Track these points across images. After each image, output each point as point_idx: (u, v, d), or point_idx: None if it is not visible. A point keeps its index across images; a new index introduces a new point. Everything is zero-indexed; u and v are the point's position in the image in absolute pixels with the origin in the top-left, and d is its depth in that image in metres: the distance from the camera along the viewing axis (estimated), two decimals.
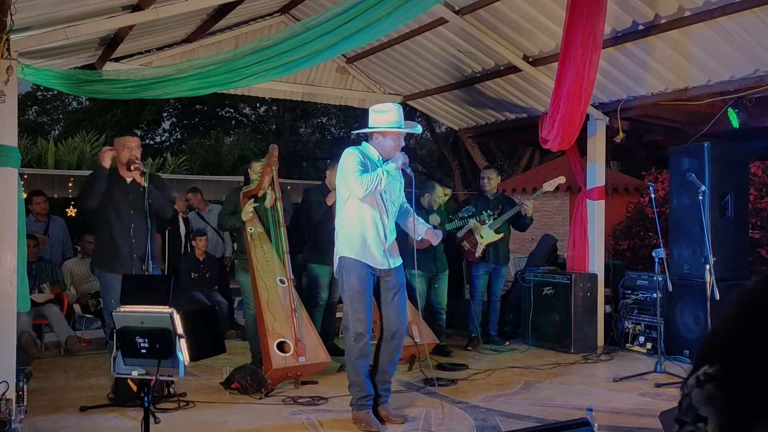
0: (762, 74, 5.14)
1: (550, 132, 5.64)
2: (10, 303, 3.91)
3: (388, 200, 4.04)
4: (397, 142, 4.01)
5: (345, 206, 4.00)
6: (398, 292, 4.05)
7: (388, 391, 4.16)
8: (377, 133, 4.02)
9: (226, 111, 21.71)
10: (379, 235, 3.96)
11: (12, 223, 3.92)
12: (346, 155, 3.99)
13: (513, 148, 15.03)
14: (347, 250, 3.95)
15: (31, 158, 13.02)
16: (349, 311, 3.94)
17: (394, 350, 4.08)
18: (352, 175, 3.87)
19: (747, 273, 6.02)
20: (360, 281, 3.92)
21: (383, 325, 4.08)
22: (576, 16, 4.85)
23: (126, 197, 4.59)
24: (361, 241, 3.93)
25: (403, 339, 4.13)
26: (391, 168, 3.94)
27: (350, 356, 3.97)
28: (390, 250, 4.04)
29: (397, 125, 3.98)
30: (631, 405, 4.51)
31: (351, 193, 3.92)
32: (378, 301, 4.09)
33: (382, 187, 3.89)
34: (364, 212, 3.94)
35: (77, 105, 21.24)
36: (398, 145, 4.01)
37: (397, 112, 4.01)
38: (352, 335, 3.91)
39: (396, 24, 4.30)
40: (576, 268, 6.64)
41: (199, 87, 4.45)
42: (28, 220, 5.49)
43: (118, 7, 4.49)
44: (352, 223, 3.96)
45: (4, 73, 3.81)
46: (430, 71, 7.21)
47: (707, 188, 5.47)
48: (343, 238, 4.00)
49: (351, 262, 3.94)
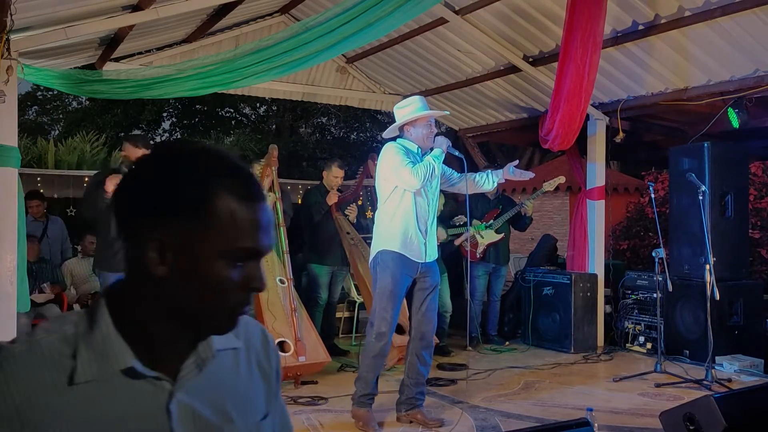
0: (762, 74, 5.14)
1: (550, 132, 5.65)
2: (10, 303, 3.90)
3: (429, 191, 3.95)
4: (429, 128, 3.94)
5: (388, 201, 3.90)
6: (432, 293, 3.97)
7: (423, 394, 4.04)
8: (407, 126, 3.95)
9: (226, 111, 21.69)
10: (420, 227, 3.88)
11: (12, 223, 3.92)
12: (388, 151, 3.90)
13: (513, 148, 15.02)
14: (387, 243, 3.85)
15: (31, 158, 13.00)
16: (377, 308, 3.86)
17: (423, 351, 3.96)
18: (403, 168, 3.78)
19: (747, 273, 6.02)
20: (393, 281, 3.83)
21: (412, 325, 4.00)
22: (576, 16, 4.85)
23: None
24: (403, 234, 3.84)
25: (432, 341, 4.03)
26: (437, 154, 3.90)
27: (367, 352, 3.89)
28: (429, 242, 3.95)
29: (419, 111, 3.92)
30: (631, 405, 4.51)
31: (405, 186, 3.82)
32: (409, 301, 4.02)
33: (437, 174, 3.86)
34: (407, 205, 3.86)
35: (77, 105, 21.23)
36: (431, 132, 3.95)
37: (419, 99, 3.97)
38: (374, 333, 3.84)
39: (396, 24, 4.30)
40: (576, 268, 6.64)
41: (199, 87, 4.45)
42: (27, 220, 5.48)
43: (118, 7, 4.49)
44: (395, 216, 3.87)
45: (4, 73, 3.82)
46: (430, 71, 7.21)
47: (707, 188, 5.47)
48: (383, 233, 3.90)
49: (389, 257, 3.83)
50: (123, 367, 0.89)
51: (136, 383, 0.90)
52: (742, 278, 5.89)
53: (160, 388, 0.92)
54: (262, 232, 0.91)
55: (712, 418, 2.70)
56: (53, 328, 0.91)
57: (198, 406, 0.95)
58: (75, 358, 0.88)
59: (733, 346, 5.59)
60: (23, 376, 0.86)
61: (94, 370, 0.88)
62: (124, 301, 0.92)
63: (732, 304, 5.70)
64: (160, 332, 0.92)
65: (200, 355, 0.96)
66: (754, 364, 5.40)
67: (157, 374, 0.91)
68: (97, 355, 0.89)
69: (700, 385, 4.87)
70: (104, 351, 0.89)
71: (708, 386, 4.84)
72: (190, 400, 0.94)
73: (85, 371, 0.88)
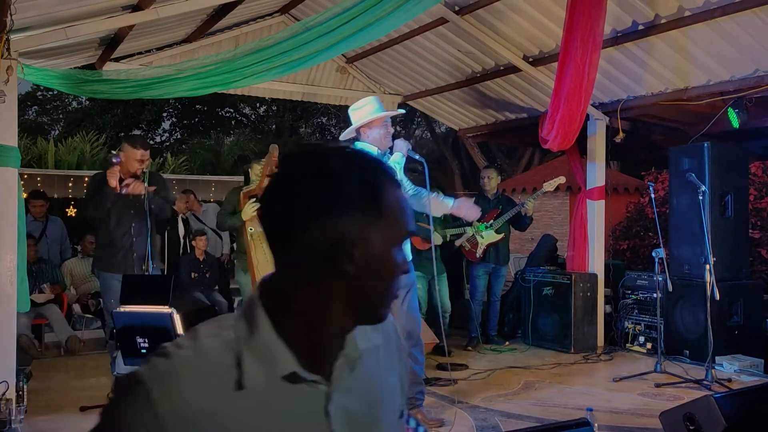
0: (762, 74, 5.14)
1: (550, 132, 5.64)
2: (10, 303, 3.91)
3: None
4: (386, 128, 3.89)
5: None
6: (410, 291, 3.96)
7: (423, 393, 4.03)
8: (363, 128, 3.89)
9: (226, 111, 21.69)
10: None
11: (12, 223, 3.92)
12: None
13: (513, 148, 15.04)
14: None
15: (31, 158, 13.00)
16: None
17: (413, 349, 3.93)
18: None
19: (747, 273, 6.03)
20: None
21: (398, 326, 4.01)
22: (576, 16, 4.85)
23: (126, 197, 4.58)
24: None
25: (420, 338, 4.01)
26: (398, 159, 3.89)
27: None
28: None
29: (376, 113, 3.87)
30: (631, 405, 4.51)
31: None
32: None
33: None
34: None
35: (77, 105, 21.23)
36: (388, 132, 3.90)
37: (373, 101, 3.92)
38: None
39: (396, 24, 4.30)
40: (576, 268, 6.64)
41: (199, 87, 4.45)
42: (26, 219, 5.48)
43: (118, 7, 4.49)
44: None
45: (4, 73, 3.82)
46: (430, 71, 7.21)
47: (707, 188, 5.47)
48: None
49: None
50: (286, 373, 0.90)
51: (296, 387, 0.91)
52: (742, 278, 5.89)
53: (318, 391, 0.93)
54: (409, 215, 0.97)
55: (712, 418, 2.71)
56: (213, 332, 0.92)
57: (351, 406, 0.96)
58: (239, 364, 0.89)
59: (733, 346, 5.59)
60: (194, 383, 0.87)
61: (261, 376, 0.89)
62: (286, 304, 0.93)
63: (732, 304, 5.70)
64: (323, 333, 0.93)
65: (349, 355, 0.97)
66: (754, 364, 5.40)
67: (316, 377, 0.92)
68: (260, 361, 0.90)
69: (700, 385, 4.87)
70: (267, 356, 0.90)
71: (708, 386, 4.83)
72: (344, 400, 0.95)
73: (252, 377, 0.89)
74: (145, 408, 0.85)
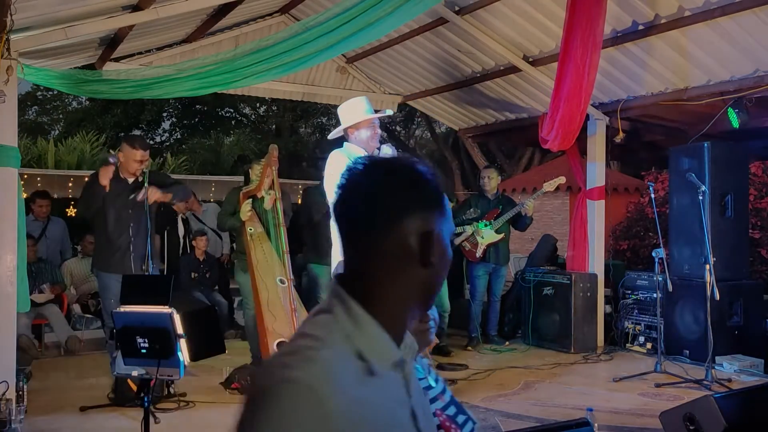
0: (762, 74, 5.14)
1: (550, 132, 5.64)
2: (10, 303, 3.91)
3: None
4: (373, 130, 3.87)
5: None
6: None
7: None
8: (351, 129, 3.88)
9: (226, 111, 21.69)
10: None
11: (12, 223, 3.92)
12: (331, 160, 3.85)
13: (513, 148, 15.02)
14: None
15: (31, 158, 13.01)
16: None
17: None
18: None
19: (747, 273, 6.03)
20: None
21: None
22: (576, 16, 4.85)
23: (126, 197, 4.58)
24: None
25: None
26: None
27: None
28: None
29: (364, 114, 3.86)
30: (631, 405, 4.51)
31: None
32: None
33: None
34: None
35: (77, 105, 21.22)
36: (375, 133, 3.88)
37: (362, 101, 3.90)
38: None
39: (396, 24, 4.30)
40: (576, 268, 6.63)
41: (199, 87, 4.45)
42: (27, 219, 5.49)
43: (118, 7, 4.49)
44: None
45: (4, 73, 3.82)
46: (430, 71, 7.21)
47: (707, 188, 5.47)
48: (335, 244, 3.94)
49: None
50: (397, 359, 1.01)
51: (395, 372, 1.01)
52: (742, 278, 5.89)
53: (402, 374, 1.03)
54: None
55: (712, 418, 2.71)
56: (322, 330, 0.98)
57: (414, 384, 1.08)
58: (360, 356, 0.96)
59: (733, 346, 5.59)
60: (343, 376, 0.92)
61: (379, 364, 0.97)
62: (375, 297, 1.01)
63: (732, 304, 5.70)
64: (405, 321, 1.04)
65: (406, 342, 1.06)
66: (754, 364, 5.40)
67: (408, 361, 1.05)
68: (374, 351, 0.98)
69: (700, 385, 4.87)
70: (379, 348, 0.99)
71: (708, 386, 4.83)
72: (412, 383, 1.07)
73: (379, 366, 0.97)
74: (316, 408, 0.87)
